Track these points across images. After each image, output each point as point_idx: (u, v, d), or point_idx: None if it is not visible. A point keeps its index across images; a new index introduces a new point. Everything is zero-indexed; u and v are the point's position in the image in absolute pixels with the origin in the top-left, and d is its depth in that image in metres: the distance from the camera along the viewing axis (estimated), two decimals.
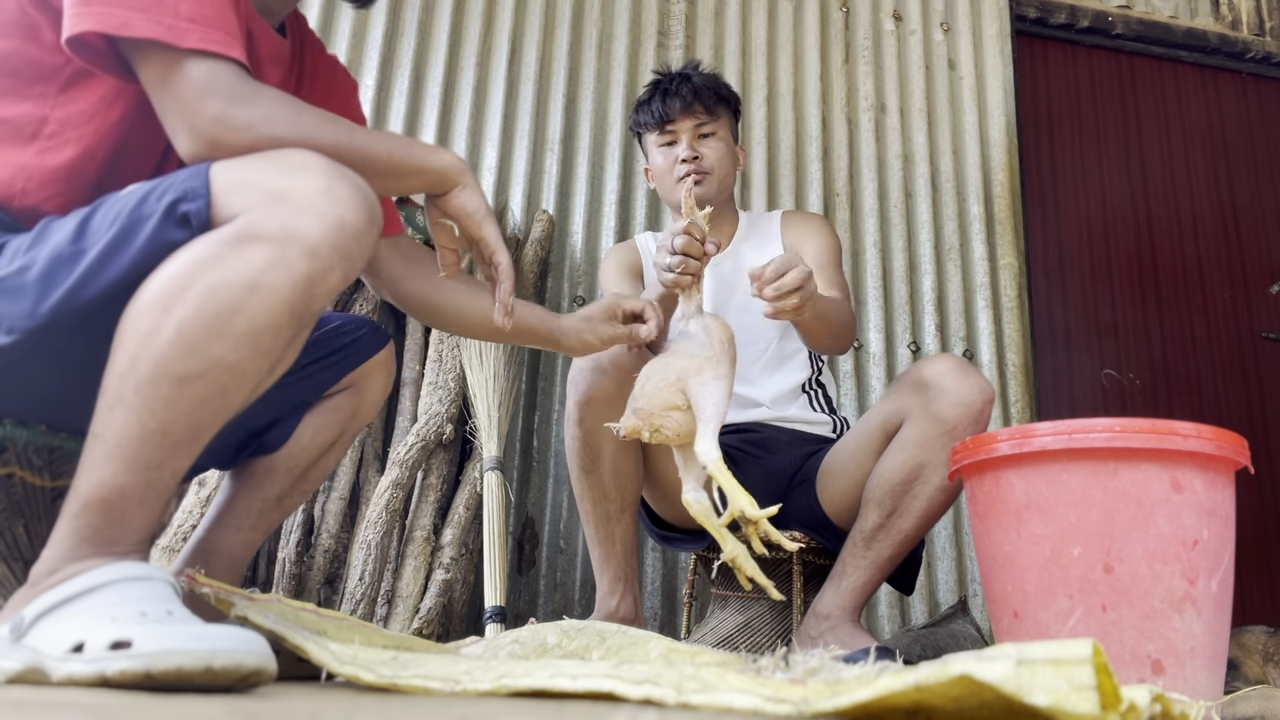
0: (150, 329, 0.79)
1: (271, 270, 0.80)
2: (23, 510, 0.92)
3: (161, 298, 0.79)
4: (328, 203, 0.82)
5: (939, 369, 1.50)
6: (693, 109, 1.84)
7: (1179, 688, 1.13)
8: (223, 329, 0.79)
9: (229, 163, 0.86)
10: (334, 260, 0.83)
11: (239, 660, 0.69)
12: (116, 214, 0.85)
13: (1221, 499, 1.22)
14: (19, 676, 0.73)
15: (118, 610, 0.73)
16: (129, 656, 0.68)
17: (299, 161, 0.84)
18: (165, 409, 0.79)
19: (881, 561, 1.54)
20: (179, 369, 0.78)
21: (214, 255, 0.80)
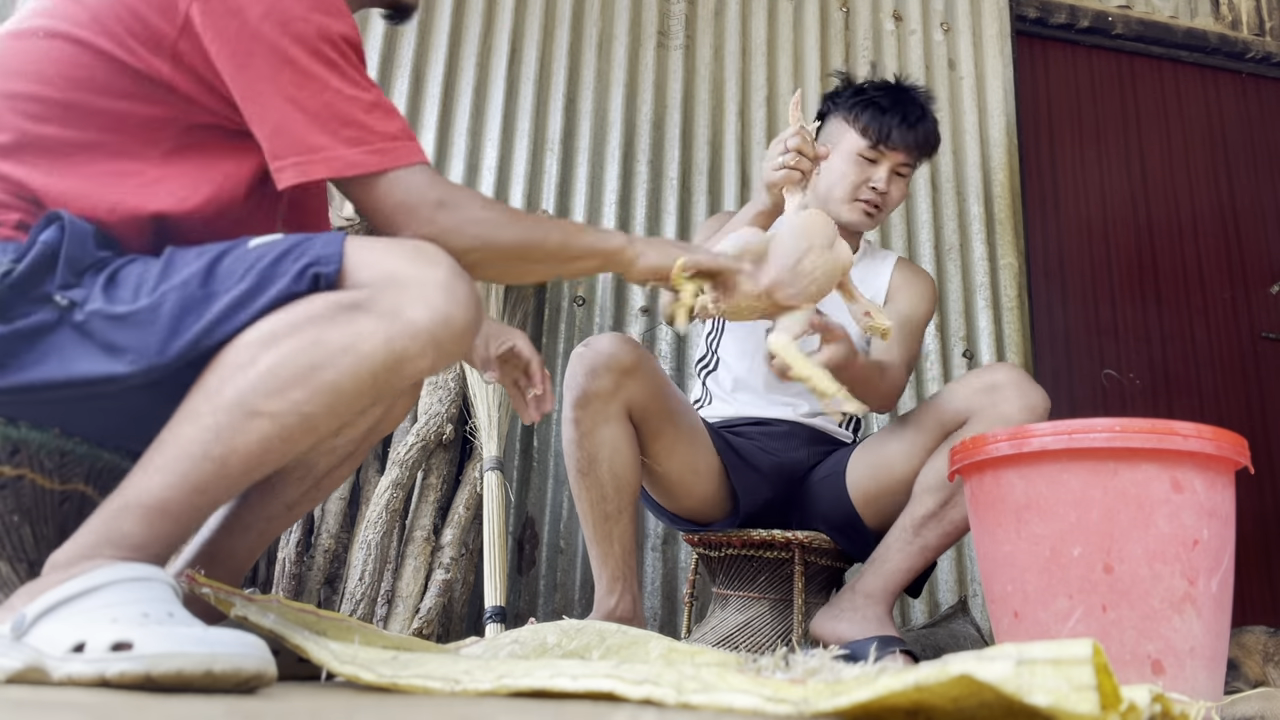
0: (246, 359, 0.84)
1: (370, 339, 0.85)
2: (30, 513, 0.92)
3: (266, 336, 0.84)
4: (442, 297, 0.87)
5: (1010, 376, 1.57)
6: (917, 150, 1.81)
7: (1179, 688, 1.13)
8: (307, 379, 0.84)
9: (366, 240, 0.91)
10: (429, 348, 0.88)
11: (239, 664, 0.70)
12: (250, 265, 0.88)
13: (1221, 499, 1.22)
14: (19, 675, 0.73)
15: (119, 611, 0.73)
16: (130, 658, 0.69)
17: (429, 255, 0.90)
18: (231, 438, 0.83)
19: (928, 550, 1.58)
20: (258, 404, 0.83)
21: (324, 314, 0.85)
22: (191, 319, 0.87)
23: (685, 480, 1.68)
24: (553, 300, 2.51)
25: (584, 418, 1.55)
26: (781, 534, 1.69)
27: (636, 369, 1.56)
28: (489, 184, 2.55)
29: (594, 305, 2.53)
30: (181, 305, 0.87)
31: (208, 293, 0.88)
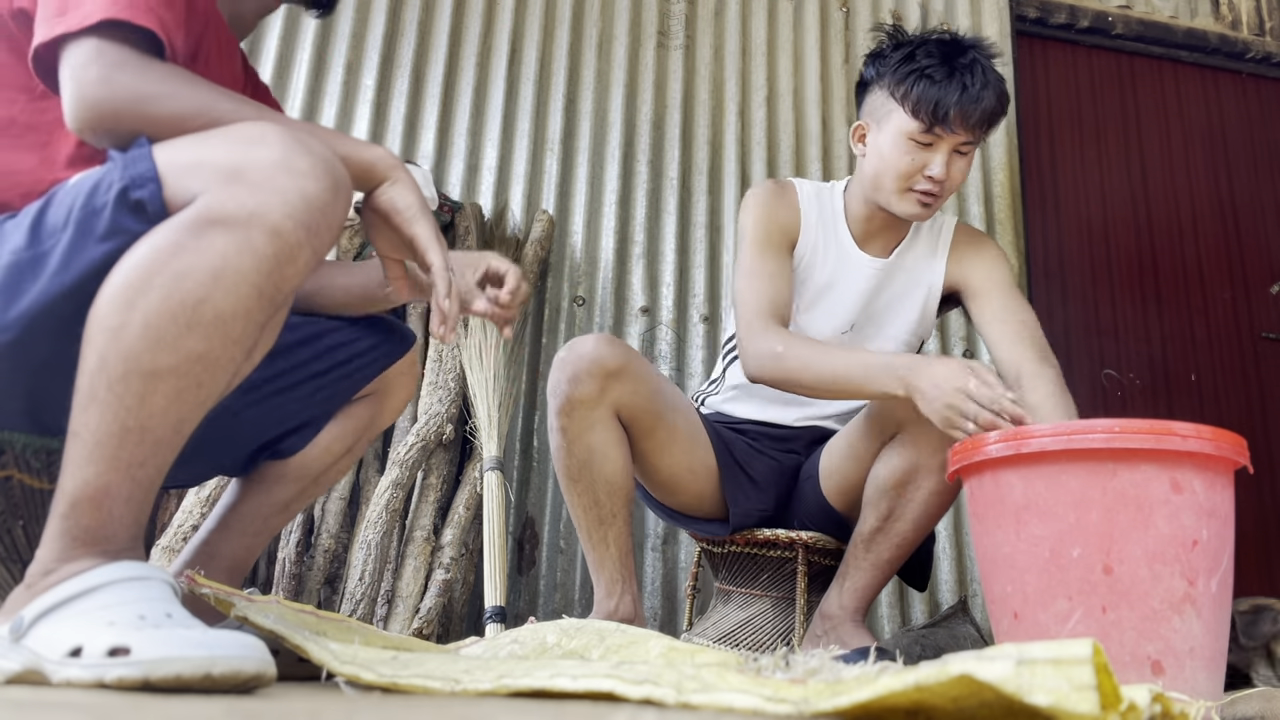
0: (117, 324, 0.77)
1: (236, 255, 0.77)
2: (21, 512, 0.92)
3: (124, 291, 0.77)
4: (287, 177, 0.79)
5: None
6: (971, 125, 1.52)
7: (1178, 688, 1.13)
8: (190, 320, 0.77)
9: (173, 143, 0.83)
10: (301, 237, 0.80)
11: (238, 667, 0.69)
12: (69, 210, 0.83)
13: (1221, 499, 1.22)
14: (18, 677, 0.72)
15: (116, 613, 0.72)
16: (127, 664, 0.68)
17: (252, 134, 0.81)
18: (140, 405, 0.77)
19: (881, 563, 1.54)
20: (149, 363, 0.77)
21: (174, 243, 0.77)
22: (26, 283, 0.82)
23: (681, 479, 1.65)
24: (552, 300, 2.51)
25: (570, 425, 1.49)
26: (785, 533, 1.69)
27: (622, 371, 1.48)
28: (489, 184, 2.55)
29: (594, 305, 2.53)
30: (12, 272, 0.83)
31: (36, 253, 0.83)
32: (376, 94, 2.56)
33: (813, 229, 1.68)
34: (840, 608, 1.55)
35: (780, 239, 1.65)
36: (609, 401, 1.49)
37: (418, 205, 0.96)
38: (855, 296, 1.68)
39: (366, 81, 2.56)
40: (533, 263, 2.38)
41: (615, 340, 1.51)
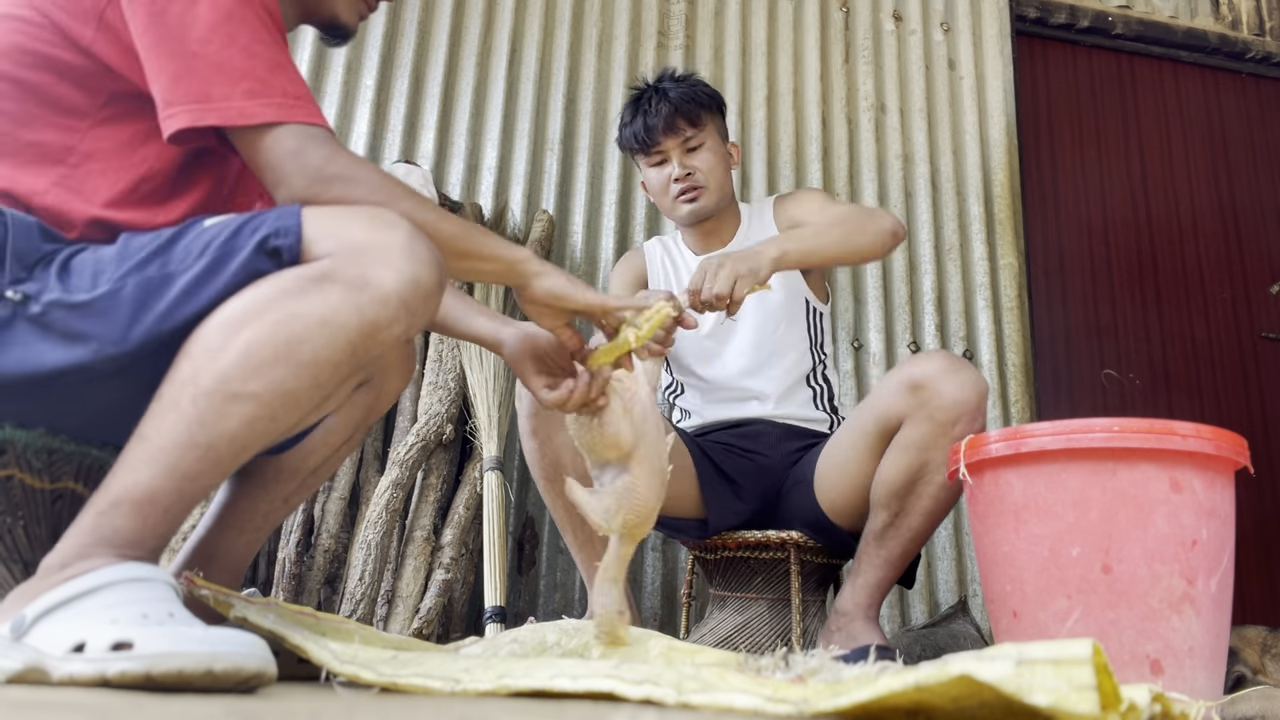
0: (218, 345, 0.82)
1: (343, 310, 0.84)
2: (22, 513, 0.92)
3: (236, 318, 0.83)
4: (406, 260, 0.87)
5: (931, 369, 1.48)
6: (675, 126, 1.82)
7: (1178, 688, 1.13)
8: (287, 356, 0.83)
9: (322, 210, 0.90)
10: (401, 312, 0.87)
11: (240, 663, 0.70)
12: (207, 243, 0.88)
13: (1221, 499, 1.22)
14: (19, 676, 0.73)
15: (119, 611, 0.73)
16: (130, 658, 0.68)
17: (387, 219, 0.89)
18: (216, 423, 0.81)
19: (894, 559, 1.56)
20: (237, 386, 0.82)
21: (294, 288, 0.84)
22: (153, 302, 0.86)
23: None
24: None
25: (540, 427, 1.57)
26: (776, 534, 1.69)
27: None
28: (489, 184, 2.55)
29: None
30: (142, 289, 0.86)
31: (166, 274, 0.87)
32: (376, 94, 2.56)
33: (658, 263, 1.98)
34: (854, 604, 1.58)
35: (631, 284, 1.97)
36: None
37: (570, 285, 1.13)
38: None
39: (366, 81, 2.56)
40: None
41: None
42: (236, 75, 0.94)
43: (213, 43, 0.94)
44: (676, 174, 1.83)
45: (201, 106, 0.93)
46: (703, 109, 1.84)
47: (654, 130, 1.82)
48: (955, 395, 1.46)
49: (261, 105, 0.95)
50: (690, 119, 1.82)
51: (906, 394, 1.50)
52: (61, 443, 0.94)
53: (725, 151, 1.90)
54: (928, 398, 1.47)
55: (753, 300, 1.81)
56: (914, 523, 1.53)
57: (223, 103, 0.94)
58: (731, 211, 1.94)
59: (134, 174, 1.02)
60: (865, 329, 2.67)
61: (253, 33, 0.96)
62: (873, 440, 1.58)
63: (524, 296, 1.14)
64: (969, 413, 1.46)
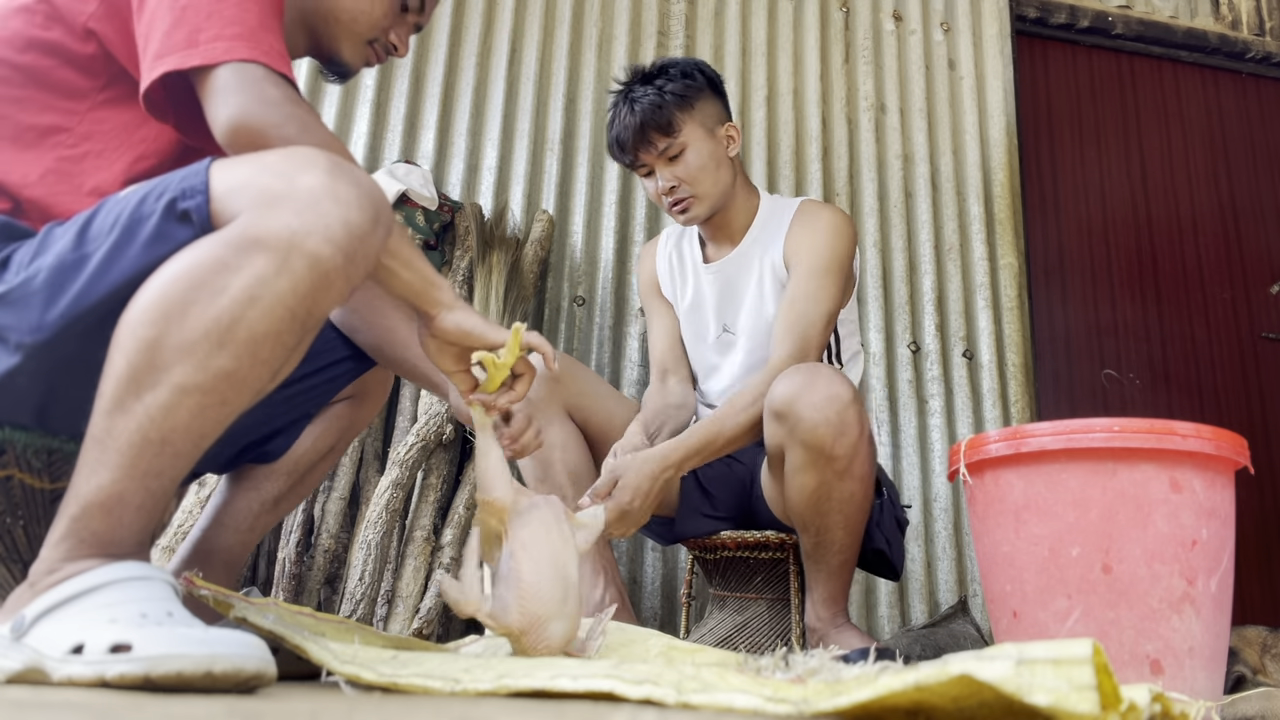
0: (151, 336, 0.77)
1: (274, 277, 0.78)
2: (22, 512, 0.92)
3: (161, 303, 0.78)
4: (331, 204, 0.80)
5: (787, 393, 1.45)
6: (647, 139, 1.67)
7: (1178, 687, 1.13)
8: (223, 339, 0.77)
9: (229, 161, 0.85)
10: (339, 263, 0.81)
11: (239, 664, 0.69)
12: (117, 216, 0.84)
13: (1221, 499, 1.22)
14: (19, 676, 0.73)
15: (118, 611, 0.73)
16: (129, 660, 0.68)
17: (302, 159, 0.82)
18: (165, 418, 0.78)
19: (834, 570, 1.56)
20: (179, 378, 0.77)
21: (216, 259, 0.78)
22: (68, 284, 0.83)
23: None
24: (553, 300, 2.51)
25: None
26: (775, 535, 1.69)
27: (565, 374, 1.65)
28: (489, 184, 2.55)
29: (594, 305, 2.53)
30: (56, 273, 0.84)
31: (79, 255, 0.84)
32: (376, 94, 2.56)
33: (665, 265, 1.90)
34: (819, 619, 1.58)
35: (650, 291, 1.92)
36: (559, 401, 1.65)
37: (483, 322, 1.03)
38: (710, 301, 1.83)
39: (366, 81, 2.56)
40: (533, 263, 2.38)
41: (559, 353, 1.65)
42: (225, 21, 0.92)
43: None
44: (661, 187, 1.70)
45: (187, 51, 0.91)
46: (674, 111, 1.67)
47: (625, 148, 1.70)
48: (814, 417, 1.42)
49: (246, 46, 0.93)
50: (661, 128, 1.66)
51: (774, 422, 1.49)
52: (61, 442, 0.94)
53: (715, 144, 1.72)
54: (792, 425, 1.45)
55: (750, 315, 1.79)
56: (836, 536, 1.52)
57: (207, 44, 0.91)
58: (741, 204, 1.80)
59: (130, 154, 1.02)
60: (865, 329, 2.67)
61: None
62: (773, 467, 1.59)
63: (429, 328, 1.04)
64: (833, 431, 1.42)
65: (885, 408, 2.62)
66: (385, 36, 1.19)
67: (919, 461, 2.58)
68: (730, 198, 1.77)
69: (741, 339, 1.80)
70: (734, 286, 1.81)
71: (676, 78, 1.69)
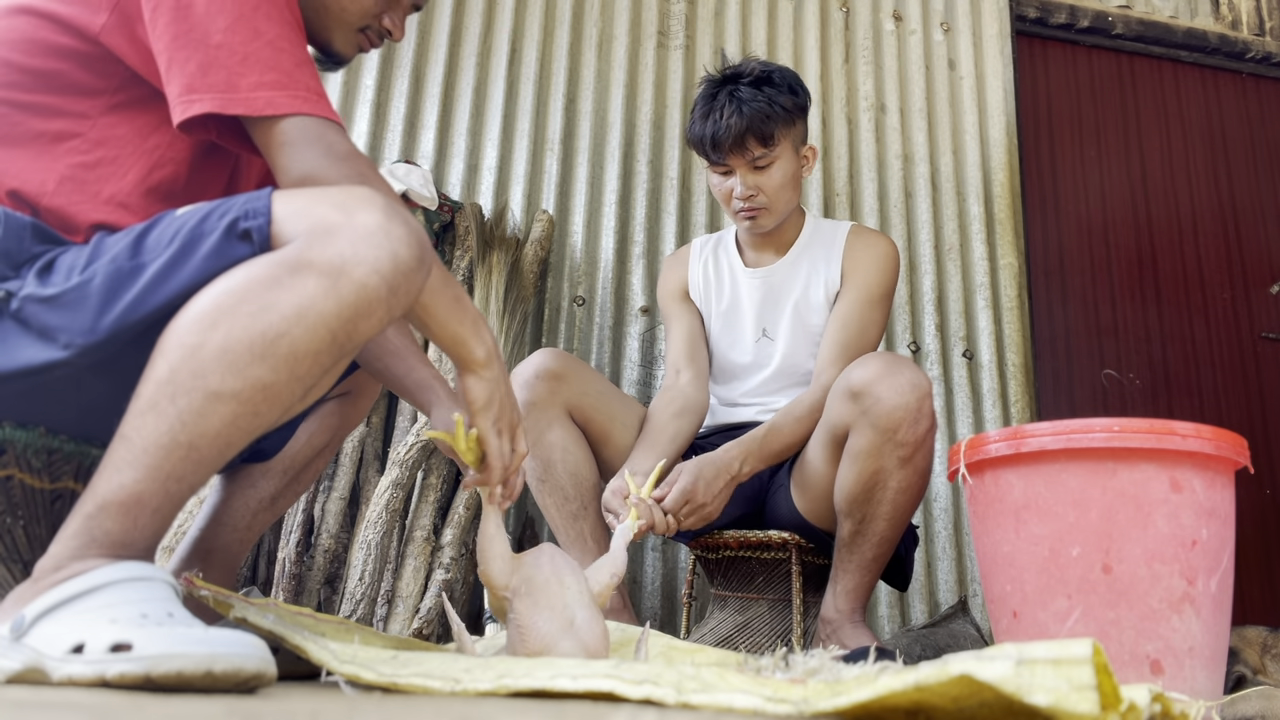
0: (195, 342, 0.79)
1: (322, 299, 0.81)
2: (22, 512, 0.92)
3: (210, 312, 0.80)
4: (383, 238, 0.84)
5: (868, 375, 1.48)
6: (744, 145, 1.66)
7: (1178, 687, 1.13)
8: (266, 351, 0.80)
9: (291, 192, 0.88)
10: (383, 294, 0.84)
11: (239, 664, 0.69)
12: (177, 230, 0.86)
13: (1221, 499, 1.22)
14: (19, 676, 0.73)
15: (118, 611, 0.73)
16: (129, 659, 0.68)
17: (360, 196, 0.86)
18: (197, 422, 0.79)
19: (866, 563, 1.56)
20: (217, 385, 0.79)
21: (268, 277, 0.81)
22: (123, 291, 0.84)
23: None
24: (553, 300, 2.51)
25: (530, 427, 1.60)
26: (778, 535, 1.69)
27: (567, 374, 1.64)
28: (489, 184, 2.55)
29: (594, 305, 2.53)
30: (112, 279, 0.85)
31: (137, 265, 0.86)
32: (376, 94, 2.56)
33: (700, 272, 1.90)
34: (837, 611, 1.58)
35: (676, 296, 1.91)
36: (560, 402, 1.64)
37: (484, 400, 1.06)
38: (751, 306, 1.84)
39: (366, 81, 2.56)
40: (533, 263, 2.38)
41: (560, 351, 1.69)
42: (262, 67, 0.94)
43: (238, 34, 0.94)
44: (739, 192, 1.70)
45: (227, 96, 0.93)
46: (780, 125, 1.66)
47: (721, 147, 1.67)
48: (894, 400, 1.45)
49: (288, 97, 0.95)
50: (762, 138, 1.66)
51: (849, 402, 1.50)
52: (61, 442, 0.94)
53: (798, 163, 1.75)
54: (868, 405, 1.47)
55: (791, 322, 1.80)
56: (879, 527, 1.53)
57: (249, 93, 0.93)
58: (792, 219, 1.84)
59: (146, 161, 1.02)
60: None
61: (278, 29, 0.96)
62: (828, 449, 1.59)
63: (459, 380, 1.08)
64: (910, 416, 1.45)
65: None
66: (378, 23, 1.18)
67: None
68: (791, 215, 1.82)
69: (780, 344, 1.81)
70: (777, 294, 1.83)
71: (786, 90, 1.69)
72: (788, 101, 1.68)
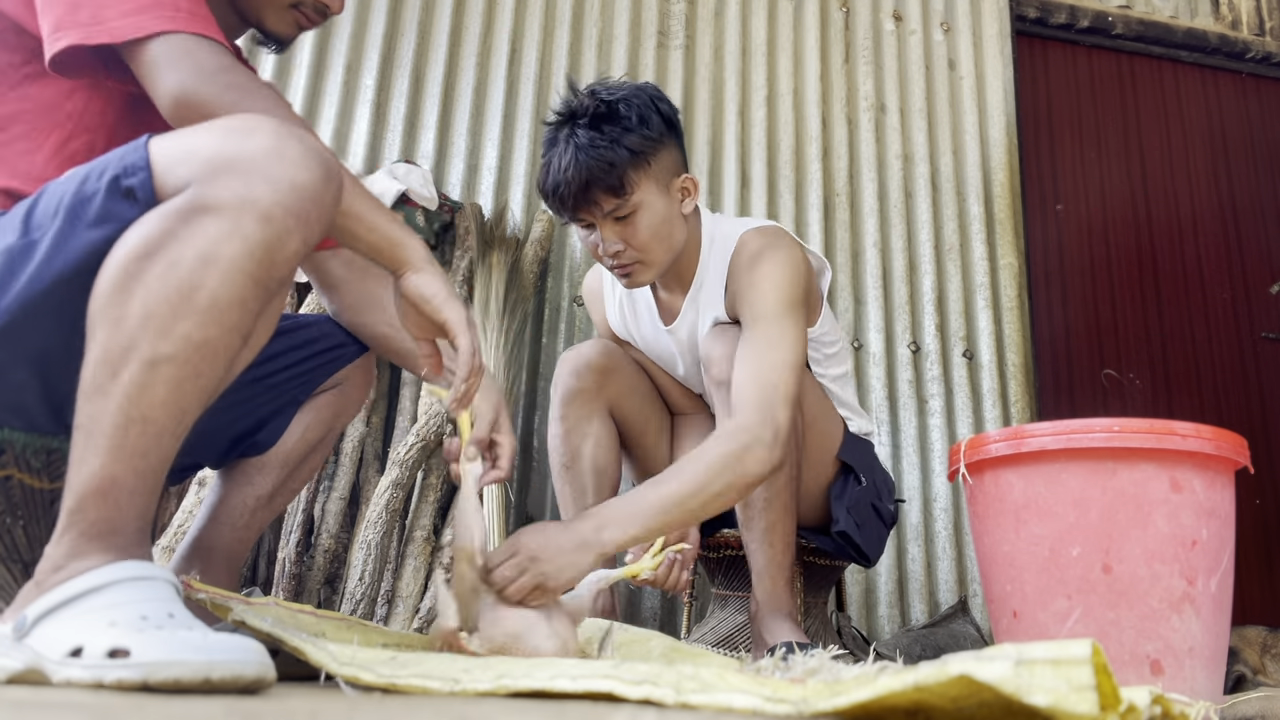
0: (116, 315, 0.77)
1: (227, 241, 0.78)
2: (21, 513, 0.92)
3: (120, 279, 0.78)
4: (278, 165, 0.80)
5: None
6: (591, 200, 1.40)
7: (1178, 688, 1.13)
8: (186, 307, 0.77)
9: (169, 135, 0.84)
10: (290, 224, 0.80)
11: (238, 671, 0.68)
12: (59, 199, 0.84)
13: (1221, 499, 1.22)
14: (19, 676, 0.72)
15: (118, 614, 0.72)
16: (126, 666, 0.67)
17: (244, 124, 0.82)
18: (142, 395, 0.77)
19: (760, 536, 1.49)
20: (149, 352, 0.77)
21: (165, 230, 0.78)
22: (18, 270, 0.83)
23: None
24: (553, 300, 2.51)
25: (569, 414, 1.61)
26: None
27: (616, 369, 1.64)
28: (489, 184, 2.55)
29: None
30: (5, 260, 0.84)
31: (27, 242, 0.84)
32: (376, 94, 2.56)
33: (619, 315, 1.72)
34: (756, 603, 1.51)
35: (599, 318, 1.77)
36: (606, 397, 1.64)
37: (445, 291, 0.99)
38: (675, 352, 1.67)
39: (366, 81, 2.56)
40: (533, 263, 2.38)
41: (613, 346, 1.67)
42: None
43: None
44: (604, 249, 1.44)
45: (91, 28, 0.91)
46: (628, 169, 1.39)
47: (566, 204, 1.41)
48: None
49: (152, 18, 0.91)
50: (612, 189, 1.39)
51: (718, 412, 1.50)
52: (60, 442, 0.94)
53: (669, 202, 1.47)
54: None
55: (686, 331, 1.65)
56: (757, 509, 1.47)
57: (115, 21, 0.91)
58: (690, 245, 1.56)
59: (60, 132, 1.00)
60: (865, 329, 2.67)
61: None
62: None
63: (396, 287, 1.01)
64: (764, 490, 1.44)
65: (885, 408, 2.61)
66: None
67: (919, 461, 2.58)
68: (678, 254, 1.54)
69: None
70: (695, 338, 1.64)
71: (633, 125, 1.40)
72: (635, 141, 1.39)
